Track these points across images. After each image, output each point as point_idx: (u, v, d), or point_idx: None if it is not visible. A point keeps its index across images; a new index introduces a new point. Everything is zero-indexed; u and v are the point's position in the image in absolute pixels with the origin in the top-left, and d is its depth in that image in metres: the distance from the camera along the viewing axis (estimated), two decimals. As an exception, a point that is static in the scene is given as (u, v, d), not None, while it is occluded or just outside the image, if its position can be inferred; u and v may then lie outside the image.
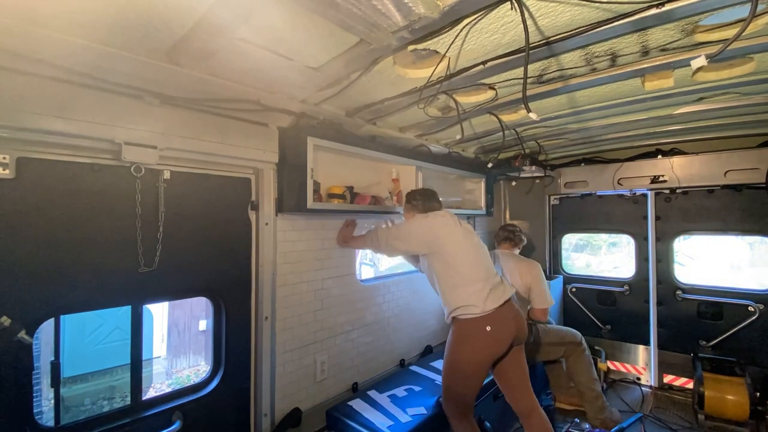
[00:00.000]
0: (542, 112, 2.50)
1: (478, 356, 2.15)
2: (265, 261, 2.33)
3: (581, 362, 3.14)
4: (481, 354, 2.15)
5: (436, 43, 1.55)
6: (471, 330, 2.14)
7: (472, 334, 2.14)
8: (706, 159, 3.45)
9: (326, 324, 2.72)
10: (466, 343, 2.15)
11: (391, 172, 3.20)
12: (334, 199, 2.60)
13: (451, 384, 2.24)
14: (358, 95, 2.13)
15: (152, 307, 6.17)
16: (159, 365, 6.83)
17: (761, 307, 3.28)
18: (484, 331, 2.11)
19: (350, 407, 2.48)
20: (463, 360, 2.17)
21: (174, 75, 1.65)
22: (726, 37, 1.48)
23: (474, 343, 2.13)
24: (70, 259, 1.67)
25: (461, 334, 2.18)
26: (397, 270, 4.06)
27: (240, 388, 2.27)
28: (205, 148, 2.00)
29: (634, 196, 3.95)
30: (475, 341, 2.13)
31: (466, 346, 2.15)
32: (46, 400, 3.95)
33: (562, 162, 4.24)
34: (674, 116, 2.64)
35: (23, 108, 1.45)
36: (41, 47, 1.35)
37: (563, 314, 4.24)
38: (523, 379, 2.33)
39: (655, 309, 3.79)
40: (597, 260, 7.38)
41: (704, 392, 3.06)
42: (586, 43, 1.58)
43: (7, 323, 1.50)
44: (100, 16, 1.26)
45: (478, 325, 2.12)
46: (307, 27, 1.39)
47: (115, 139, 1.68)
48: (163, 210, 1.92)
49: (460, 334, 2.18)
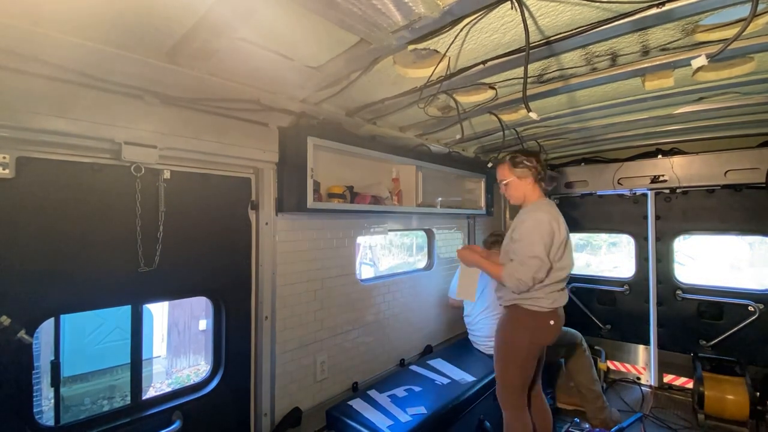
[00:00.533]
0: (542, 112, 2.50)
1: (536, 342, 2.24)
2: (265, 261, 2.33)
3: (581, 362, 3.14)
4: (539, 341, 2.26)
5: (436, 43, 1.54)
6: (536, 320, 2.20)
7: (534, 323, 2.20)
8: (706, 159, 3.45)
9: (326, 324, 2.72)
10: (526, 330, 2.21)
11: (391, 172, 3.20)
12: (334, 199, 2.60)
13: (510, 370, 2.29)
14: (358, 95, 2.13)
15: (152, 306, 6.18)
16: (159, 365, 6.83)
17: (761, 307, 3.28)
18: (548, 324, 2.20)
19: (350, 407, 2.48)
20: (521, 345, 2.22)
21: (174, 75, 1.65)
22: (726, 37, 1.48)
23: (534, 332, 2.21)
24: (70, 259, 1.67)
25: (523, 322, 2.22)
26: (397, 270, 4.06)
27: (240, 388, 2.27)
28: (205, 147, 2.00)
29: (634, 195, 3.95)
30: (536, 331, 2.21)
31: (525, 333, 2.22)
32: (46, 400, 3.96)
33: (562, 162, 4.24)
34: (674, 116, 2.64)
35: (23, 108, 1.45)
36: (41, 47, 1.35)
37: (563, 314, 4.23)
38: (541, 365, 2.52)
39: (655, 309, 3.79)
40: (597, 260, 7.38)
41: (704, 392, 3.06)
42: (586, 42, 1.58)
43: (7, 323, 1.50)
44: (100, 16, 1.26)
45: (544, 318, 2.19)
46: (307, 27, 1.39)
47: (115, 138, 1.68)
48: (163, 210, 1.92)
49: (521, 321, 2.23)
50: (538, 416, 2.45)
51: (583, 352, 3.16)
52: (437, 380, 2.86)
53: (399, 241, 7.70)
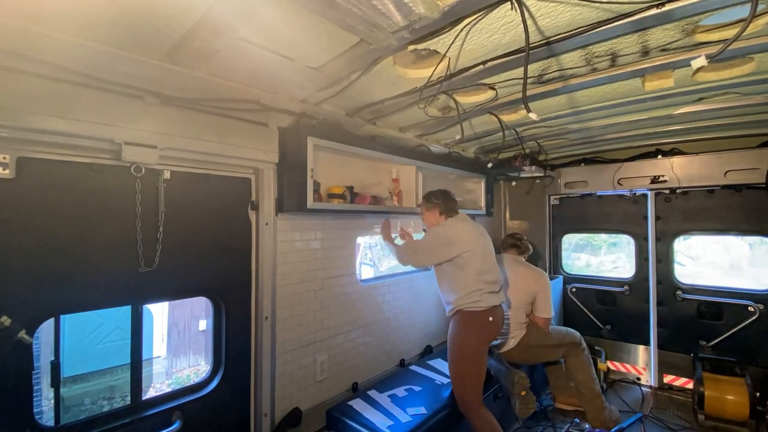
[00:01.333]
0: (542, 112, 2.50)
1: (482, 339, 2.48)
2: (265, 261, 2.33)
3: (581, 362, 3.14)
4: (484, 337, 2.49)
5: (436, 43, 1.55)
6: (476, 319, 2.45)
7: (476, 322, 2.45)
8: (706, 159, 3.45)
9: (326, 324, 2.72)
10: (471, 329, 2.45)
11: (391, 172, 3.20)
12: (334, 199, 2.61)
13: (462, 371, 2.45)
14: (358, 95, 2.13)
15: (152, 306, 6.17)
16: (159, 365, 6.83)
17: (761, 307, 3.28)
18: (488, 320, 2.46)
19: (350, 407, 2.48)
20: (470, 343, 2.44)
21: (174, 75, 1.65)
22: (726, 37, 1.48)
23: (479, 329, 2.46)
24: (70, 259, 1.67)
25: (467, 322, 2.46)
26: (397, 270, 4.06)
27: (240, 388, 2.27)
28: (205, 148, 2.00)
29: (634, 196, 3.95)
30: (480, 327, 2.46)
31: (471, 332, 2.45)
32: (46, 400, 3.95)
33: (562, 162, 4.24)
34: (674, 116, 2.64)
35: (23, 108, 1.45)
36: (41, 47, 1.35)
37: (563, 314, 4.24)
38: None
39: (655, 309, 3.79)
40: (597, 260, 7.38)
41: (704, 392, 3.06)
42: (586, 43, 1.58)
43: (7, 323, 1.50)
44: (100, 16, 1.26)
45: (482, 316, 2.45)
46: (308, 27, 1.39)
47: (115, 139, 1.68)
48: (163, 210, 1.92)
49: (465, 322, 2.46)
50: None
51: (583, 352, 3.16)
52: (437, 380, 2.86)
53: (399, 241, 7.72)
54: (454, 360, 2.48)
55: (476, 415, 2.38)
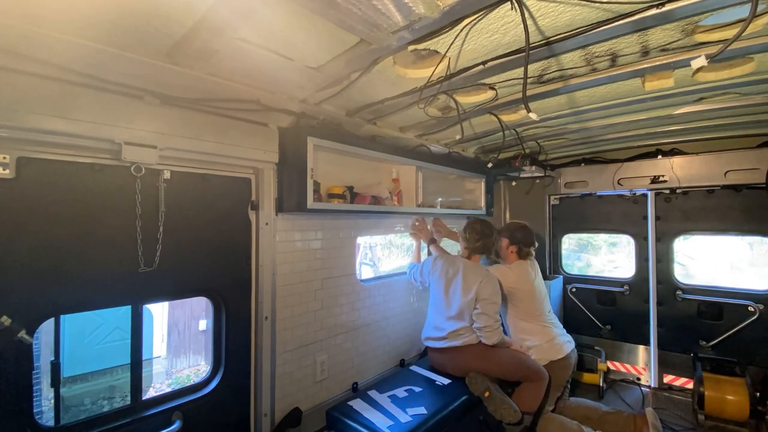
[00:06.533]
0: (542, 112, 2.50)
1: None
2: (265, 261, 2.33)
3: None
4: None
5: (436, 43, 1.55)
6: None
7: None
8: (706, 159, 3.45)
9: (326, 324, 2.72)
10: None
11: (391, 172, 3.20)
12: (334, 199, 2.60)
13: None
14: (358, 95, 2.13)
15: (152, 306, 6.17)
16: (159, 365, 6.83)
17: (761, 307, 3.28)
18: None
19: (350, 407, 2.47)
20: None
21: (174, 75, 1.65)
22: (726, 37, 1.48)
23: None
24: (70, 259, 1.67)
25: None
26: (397, 270, 4.06)
27: (240, 388, 2.27)
28: (205, 148, 2.00)
29: (634, 196, 3.95)
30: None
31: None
32: (46, 400, 3.95)
33: (562, 162, 4.24)
34: (674, 116, 2.64)
35: (23, 108, 1.45)
36: (41, 47, 1.35)
37: (563, 314, 4.24)
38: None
39: (655, 309, 3.78)
40: (597, 260, 7.37)
41: (704, 392, 3.06)
42: (586, 43, 1.58)
43: (7, 323, 1.50)
44: (100, 16, 1.26)
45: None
46: (307, 27, 1.39)
47: (115, 139, 1.68)
48: (163, 210, 1.92)
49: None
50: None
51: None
52: (437, 380, 2.86)
53: (399, 241, 7.70)
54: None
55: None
